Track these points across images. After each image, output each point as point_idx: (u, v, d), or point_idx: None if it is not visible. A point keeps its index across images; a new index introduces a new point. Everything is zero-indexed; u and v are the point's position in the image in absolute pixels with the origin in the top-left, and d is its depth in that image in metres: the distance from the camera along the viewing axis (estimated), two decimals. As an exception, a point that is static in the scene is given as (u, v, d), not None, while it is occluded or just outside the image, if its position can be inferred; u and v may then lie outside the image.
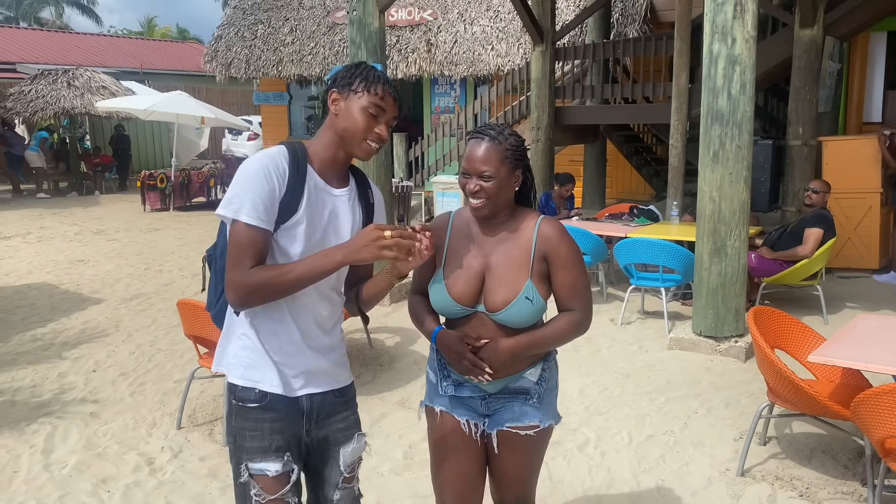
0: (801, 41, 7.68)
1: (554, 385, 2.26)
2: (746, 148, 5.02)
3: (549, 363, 2.23)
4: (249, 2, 16.34)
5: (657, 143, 11.99)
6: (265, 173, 1.83)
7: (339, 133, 1.92)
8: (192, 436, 4.00)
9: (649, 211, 7.47)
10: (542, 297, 2.11)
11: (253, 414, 1.93)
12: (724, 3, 4.87)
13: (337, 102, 1.91)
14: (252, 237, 1.81)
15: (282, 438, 1.95)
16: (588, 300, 2.16)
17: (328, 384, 2.04)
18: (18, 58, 20.37)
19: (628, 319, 6.18)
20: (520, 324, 2.10)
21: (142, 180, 13.60)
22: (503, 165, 2.04)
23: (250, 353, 1.94)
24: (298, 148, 1.93)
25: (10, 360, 5.28)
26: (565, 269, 2.10)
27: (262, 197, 1.81)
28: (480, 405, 2.23)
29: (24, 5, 38.62)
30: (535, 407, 2.18)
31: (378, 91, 1.88)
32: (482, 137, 2.06)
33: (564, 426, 4.07)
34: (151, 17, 40.70)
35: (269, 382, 1.93)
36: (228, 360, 1.98)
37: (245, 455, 1.94)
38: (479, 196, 2.05)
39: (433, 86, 14.53)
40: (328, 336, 2.03)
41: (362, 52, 6.64)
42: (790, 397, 3.36)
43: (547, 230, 2.10)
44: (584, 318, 2.15)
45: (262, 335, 1.94)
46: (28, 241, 10.41)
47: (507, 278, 2.09)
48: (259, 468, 1.93)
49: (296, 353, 1.96)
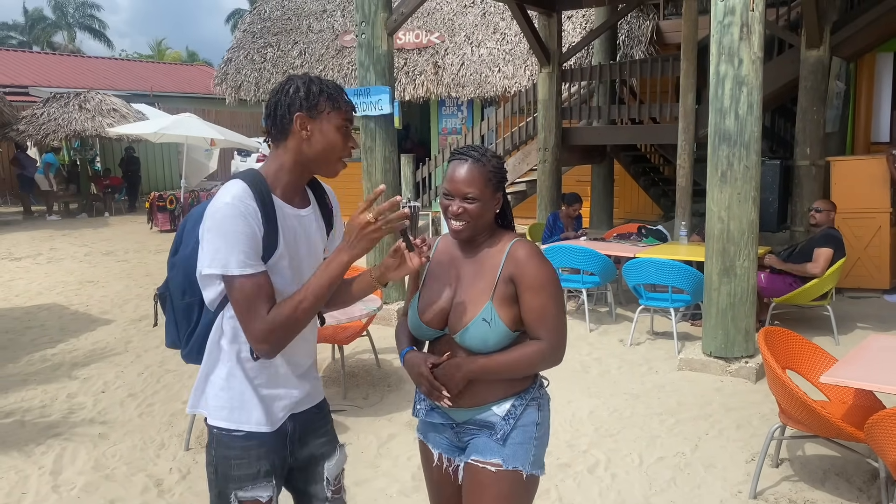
0: (808, 62, 7.71)
1: (530, 426, 2.04)
2: (754, 168, 5.02)
3: (522, 400, 2.04)
4: (259, 25, 16.55)
5: (664, 164, 12.01)
6: (242, 219, 1.75)
7: (310, 156, 1.86)
8: (201, 457, 3.99)
9: (657, 231, 7.46)
10: (505, 321, 1.97)
11: (238, 443, 1.89)
12: (730, 25, 4.90)
13: (305, 126, 1.83)
14: (255, 284, 1.77)
15: (268, 463, 1.92)
16: (557, 329, 1.99)
17: (307, 402, 2.03)
18: (31, 81, 20.68)
19: (637, 340, 6.16)
20: (479, 348, 1.99)
21: (151, 202, 13.70)
22: (487, 187, 1.98)
23: (235, 392, 1.89)
24: (259, 182, 1.83)
25: (20, 381, 5.29)
26: (531, 293, 1.96)
27: (245, 243, 1.75)
28: (451, 435, 2.14)
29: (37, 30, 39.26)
30: (499, 444, 2.02)
31: (344, 106, 1.86)
32: (465, 158, 1.99)
33: (574, 448, 4.05)
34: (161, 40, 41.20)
35: (255, 422, 1.89)
36: (209, 403, 1.91)
37: (232, 484, 1.89)
38: (461, 218, 1.99)
39: (440, 107, 14.63)
40: (310, 359, 2.04)
41: (371, 74, 6.71)
42: (802, 419, 3.33)
43: (516, 251, 2.00)
44: (550, 349, 1.98)
45: (250, 370, 1.89)
46: (38, 262, 10.48)
47: (470, 300, 2.01)
48: (250, 496, 1.89)
49: (283, 384, 1.94)
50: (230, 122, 21.69)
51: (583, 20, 12.55)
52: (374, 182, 6.84)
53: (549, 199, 9.69)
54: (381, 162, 6.83)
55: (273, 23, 16.36)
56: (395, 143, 6.97)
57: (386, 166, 6.86)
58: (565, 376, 5.26)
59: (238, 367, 1.88)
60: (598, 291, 7.38)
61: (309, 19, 15.93)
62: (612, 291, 7.00)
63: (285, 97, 1.83)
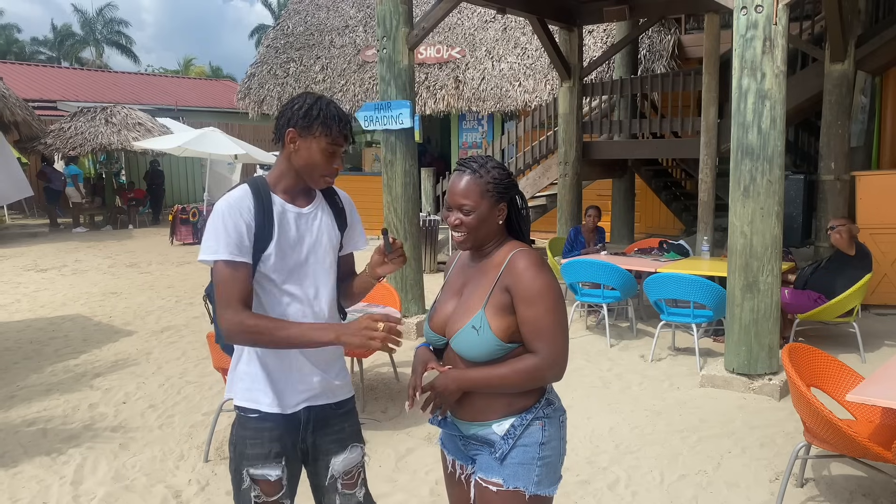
0: (832, 76, 7.63)
1: (532, 447, 1.99)
2: (778, 183, 4.97)
3: (523, 420, 1.99)
4: (282, 41, 16.76)
5: (686, 178, 11.94)
6: (231, 213, 1.98)
7: (297, 168, 2.06)
8: (219, 469, 4.00)
9: (679, 246, 7.40)
10: (495, 330, 1.94)
11: (252, 424, 2.09)
12: (752, 39, 4.87)
13: (294, 141, 2.03)
14: (232, 273, 1.97)
15: (279, 446, 2.10)
16: (554, 343, 1.93)
17: (326, 399, 2.17)
18: (59, 96, 21.08)
19: (659, 356, 6.09)
20: (469, 355, 1.98)
21: (174, 214, 13.85)
22: (483, 199, 1.99)
23: (252, 375, 2.10)
24: (260, 182, 2.08)
25: (43, 391, 5.35)
26: (525, 304, 1.92)
27: (232, 235, 1.97)
28: (461, 445, 2.15)
29: (66, 46, 40.09)
30: (498, 463, 2.00)
31: (334, 133, 2.02)
32: (463, 171, 2.02)
33: (594, 464, 4.00)
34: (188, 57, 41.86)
35: (267, 404, 2.08)
36: (234, 383, 2.15)
37: (246, 462, 2.09)
38: (459, 230, 2.02)
39: (461, 121, 14.69)
40: (326, 352, 2.15)
41: (392, 88, 6.75)
42: (828, 437, 3.27)
43: (514, 262, 1.97)
44: (545, 364, 1.92)
45: (266, 356, 2.09)
46: (63, 273, 10.63)
47: (467, 308, 2.02)
48: (260, 473, 2.08)
49: (296, 371, 2.11)
50: (253, 137, 21.92)
51: (604, 34, 12.56)
52: (394, 195, 6.86)
53: (569, 213, 9.66)
54: (402, 175, 6.85)
55: (296, 38, 16.57)
56: (416, 156, 7.00)
57: (406, 180, 6.88)
58: (585, 392, 5.21)
59: (255, 353, 2.09)
60: (619, 306, 7.32)
61: (331, 34, 16.10)
62: (633, 306, 6.94)
63: (288, 111, 2.04)
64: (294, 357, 2.09)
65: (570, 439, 4.42)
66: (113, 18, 41.04)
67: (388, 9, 6.69)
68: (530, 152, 10.84)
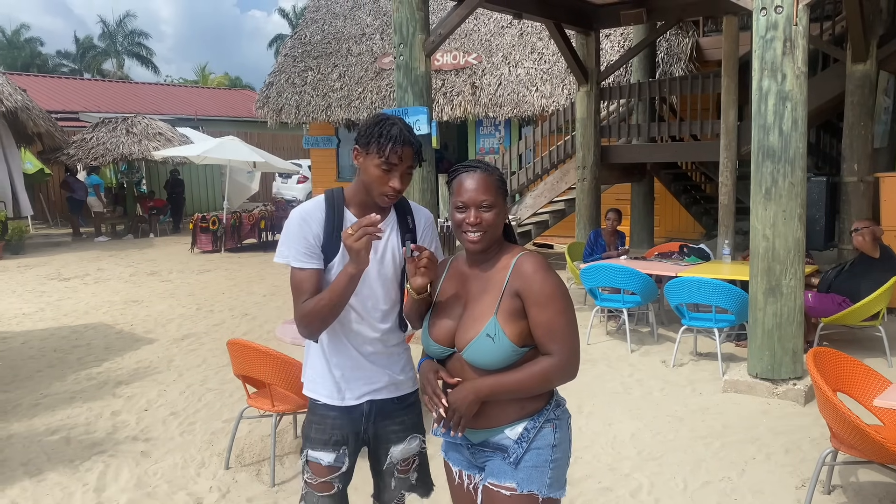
0: (854, 76, 7.54)
1: (545, 449, 2.00)
2: (800, 185, 4.91)
3: (535, 422, 2.00)
4: (300, 49, 16.88)
5: (706, 181, 11.84)
6: (300, 224, 2.17)
7: (363, 183, 2.19)
8: (240, 476, 4.01)
9: (700, 249, 7.33)
10: (510, 336, 1.93)
11: (320, 410, 2.29)
12: (772, 40, 4.82)
13: (358, 158, 2.17)
14: (302, 276, 2.16)
15: (340, 434, 2.27)
16: (568, 343, 1.94)
17: (388, 393, 2.31)
18: (82, 107, 21.40)
19: (681, 361, 6.03)
20: (485, 364, 1.96)
21: (194, 223, 13.97)
22: (498, 195, 2.01)
23: (315, 368, 2.31)
24: (336, 195, 2.24)
25: (66, 399, 5.41)
26: (538, 307, 1.93)
27: (302, 242, 2.15)
28: (468, 454, 2.13)
29: (88, 58, 40.69)
30: (512, 467, 1.99)
31: (386, 152, 2.09)
32: (473, 169, 2.02)
33: (616, 471, 3.96)
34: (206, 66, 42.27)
35: (326, 395, 2.28)
36: (306, 374, 2.35)
37: (308, 444, 2.29)
38: (478, 228, 1.98)
39: (478, 127, 14.69)
40: (385, 347, 2.30)
41: (409, 95, 6.76)
42: (855, 443, 3.21)
43: (522, 265, 1.98)
44: (561, 365, 1.93)
45: (329, 352, 2.27)
46: (86, 282, 10.75)
47: (476, 315, 2.00)
48: (316, 456, 2.27)
49: (355, 367, 2.27)
50: (272, 145, 22.11)
51: (621, 38, 12.51)
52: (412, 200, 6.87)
53: (587, 217, 9.62)
54: (419, 181, 6.86)
55: (313, 47, 16.68)
56: (433, 162, 7.01)
57: (423, 185, 6.89)
58: (606, 398, 5.17)
59: (319, 349, 2.29)
60: (640, 311, 7.26)
61: (348, 43, 16.20)
62: (653, 311, 6.88)
63: (359, 129, 2.18)
64: (355, 356, 2.26)
65: (592, 446, 4.39)
66: (133, 30, 41.65)
67: (404, 16, 6.72)
68: (548, 157, 10.81)
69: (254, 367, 3.91)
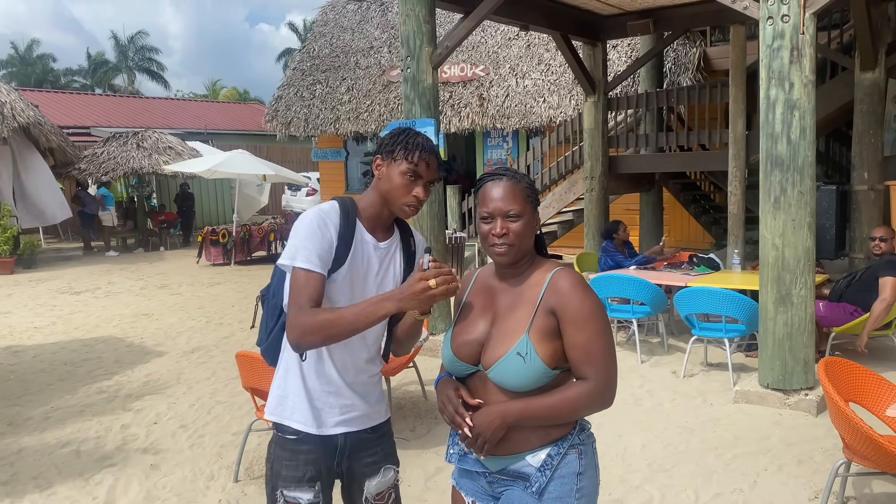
0: (863, 84, 7.52)
1: (570, 477, 1.83)
2: (809, 193, 4.89)
3: (560, 448, 1.84)
4: (308, 63, 17.00)
5: (715, 191, 11.80)
6: (319, 225, 2.00)
7: (382, 194, 2.08)
8: (249, 489, 4.00)
9: (709, 259, 7.30)
10: (542, 356, 1.79)
11: (290, 445, 2.10)
12: (780, 49, 4.82)
13: (380, 168, 2.07)
14: (306, 279, 1.96)
15: (314, 469, 2.10)
16: (607, 368, 1.80)
17: (363, 423, 2.15)
18: (93, 122, 21.59)
19: (691, 372, 5.99)
20: (513, 385, 1.81)
21: (204, 236, 14.04)
22: (527, 203, 1.87)
23: (288, 388, 2.11)
24: (350, 203, 2.10)
25: (76, 412, 5.42)
26: (575, 327, 1.79)
27: (315, 245, 1.98)
28: (485, 483, 1.95)
29: (99, 73, 41.13)
30: (535, 498, 1.83)
31: (414, 159, 2.01)
32: (500, 178, 1.88)
33: (626, 483, 3.93)
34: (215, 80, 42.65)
35: (300, 420, 2.08)
36: (272, 399, 2.14)
37: (281, 482, 2.11)
38: (506, 239, 1.84)
39: (486, 138, 14.72)
40: (366, 376, 2.15)
41: (416, 108, 6.79)
42: (869, 454, 3.17)
43: (558, 281, 1.84)
44: (598, 390, 1.78)
45: (307, 375, 2.09)
46: (97, 295, 10.81)
47: (506, 332, 1.85)
48: (293, 496, 2.10)
49: (334, 393, 2.10)
50: (281, 158, 22.20)
51: (628, 48, 12.53)
52: (419, 212, 6.87)
53: (596, 228, 9.60)
54: (427, 193, 6.86)
55: (322, 60, 16.79)
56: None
57: (431, 197, 6.89)
58: (616, 409, 5.14)
59: (295, 366, 2.09)
60: (649, 322, 7.23)
61: (356, 56, 16.29)
62: (663, 321, 6.85)
63: (379, 142, 2.11)
64: (334, 380, 2.08)
65: (602, 458, 4.35)
66: (144, 46, 42.06)
67: (411, 29, 6.75)
68: (556, 168, 10.82)
69: (263, 380, 3.92)
